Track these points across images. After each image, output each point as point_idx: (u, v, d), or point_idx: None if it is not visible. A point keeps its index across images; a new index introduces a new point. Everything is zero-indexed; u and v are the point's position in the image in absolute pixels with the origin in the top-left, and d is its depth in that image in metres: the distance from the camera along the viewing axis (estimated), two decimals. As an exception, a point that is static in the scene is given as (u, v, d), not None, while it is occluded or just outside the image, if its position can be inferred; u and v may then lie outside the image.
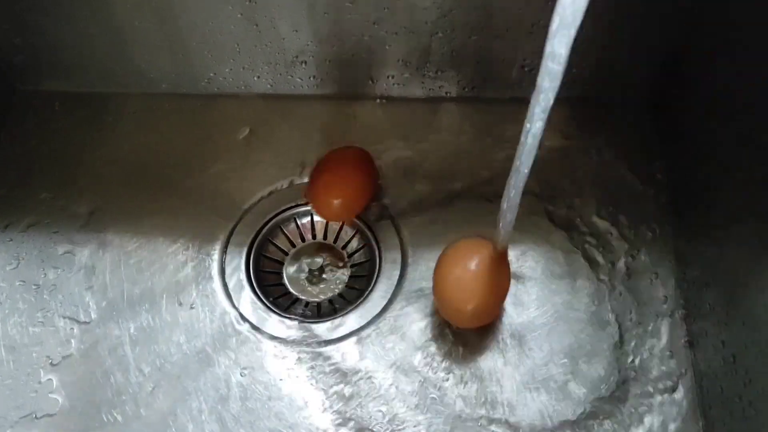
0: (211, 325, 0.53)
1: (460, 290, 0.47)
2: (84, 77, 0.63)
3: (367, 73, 0.60)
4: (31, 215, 0.58)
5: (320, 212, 0.56)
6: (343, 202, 0.54)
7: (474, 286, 0.47)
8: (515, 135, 0.59)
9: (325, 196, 0.54)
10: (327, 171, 0.55)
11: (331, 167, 0.55)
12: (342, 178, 0.55)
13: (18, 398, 0.51)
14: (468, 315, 0.48)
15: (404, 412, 0.49)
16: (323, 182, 0.55)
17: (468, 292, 0.47)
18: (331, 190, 0.54)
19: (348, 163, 0.55)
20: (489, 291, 0.47)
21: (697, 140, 0.53)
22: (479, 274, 0.47)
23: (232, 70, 0.60)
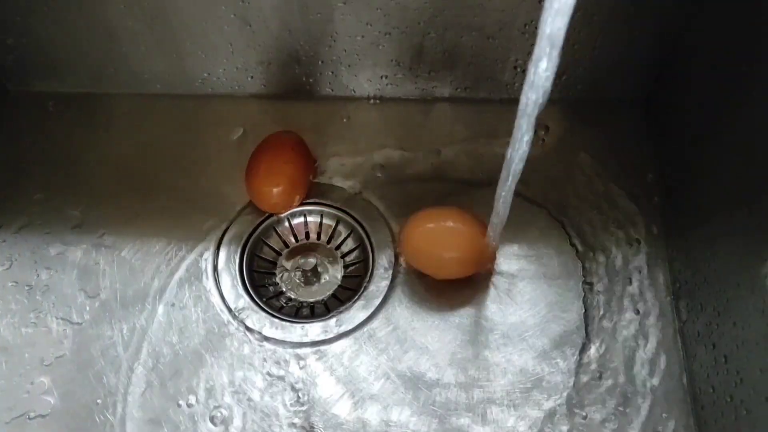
0: (204, 326, 0.53)
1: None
2: (76, 78, 0.63)
3: (360, 74, 0.60)
4: (23, 216, 0.58)
5: (260, 204, 0.56)
6: (284, 189, 0.55)
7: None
8: (508, 135, 0.60)
9: (265, 185, 0.55)
10: (262, 160, 0.56)
11: (265, 155, 0.56)
12: (280, 165, 0.55)
13: (10, 399, 0.51)
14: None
15: (399, 413, 0.49)
16: (261, 171, 0.55)
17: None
18: (270, 180, 0.55)
19: (283, 150, 0.56)
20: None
21: (689, 141, 0.53)
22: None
23: (225, 71, 0.60)
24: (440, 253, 0.52)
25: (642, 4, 0.52)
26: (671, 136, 0.56)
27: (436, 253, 0.52)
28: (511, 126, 0.57)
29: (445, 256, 0.52)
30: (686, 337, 0.50)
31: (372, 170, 0.59)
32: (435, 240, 0.52)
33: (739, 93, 0.45)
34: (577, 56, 0.56)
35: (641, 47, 0.56)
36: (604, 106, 0.61)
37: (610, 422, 0.48)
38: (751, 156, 0.43)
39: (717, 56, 0.49)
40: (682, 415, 0.48)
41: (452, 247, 0.51)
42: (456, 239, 0.51)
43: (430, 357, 0.51)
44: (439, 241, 0.51)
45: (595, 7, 0.52)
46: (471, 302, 0.53)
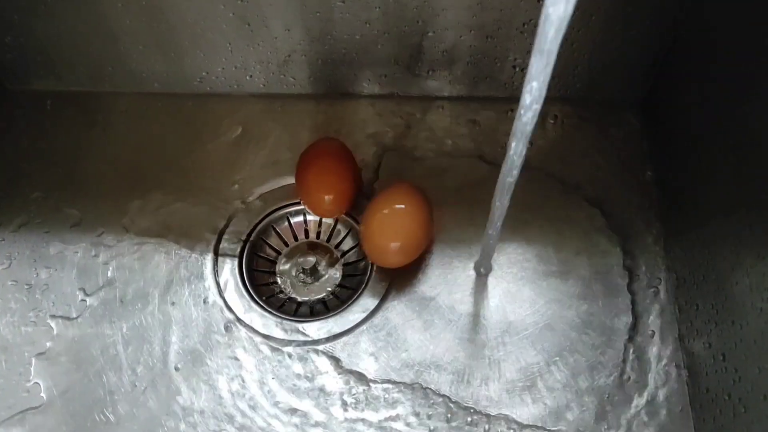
0: (203, 325, 0.53)
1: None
2: (75, 76, 0.63)
3: (359, 73, 0.60)
4: (22, 215, 0.58)
5: (314, 209, 0.56)
6: (336, 197, 0.55)
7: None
8: (507, 134, 0.60)
9: (318, 192, 0.55)
10: (315, 166, 0.55)
11: (317, 161, 0.55)
12: (332, 172, 0.55)
13: (9, 398, 0.51)
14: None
15: (399, 412, 0.49)
16: (314, 178, 0.55)
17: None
18: (322, 186, 0.55)
19: (334, 156, 0.56)
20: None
21: (688, 140, 0.53)
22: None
23: (224, 70, 0.60)
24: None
25: (640, 5, 0.52)
26: (670, 136, 0.56)
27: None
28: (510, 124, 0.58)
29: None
30: (684, 336, 0.50)
31: (370, 168, 0.59)
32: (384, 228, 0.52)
33: (738, 93, 0.45)
34: (575, 56, 0.56)
35: (639, 47, 0.56)
36: (602, 106, 0.61)
37: (606, 420, 0.48)
38: (750, 155, 0.43)
39: (715, 56, 0.49)
40: (680, 413, 0.48)
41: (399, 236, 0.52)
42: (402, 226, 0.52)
43: (429, 356, 0.51)
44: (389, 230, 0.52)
45: (593, 7, 0.52)
46: (470, 300, 0.53)
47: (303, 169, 0.56)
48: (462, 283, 0.54)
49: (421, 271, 0.54)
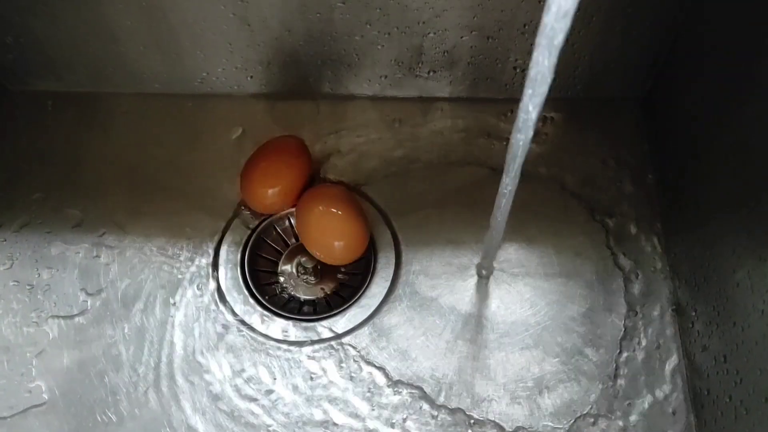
0: (205, 325, 0.53)
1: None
2: (75, 77, 0.63)
3: (359, 73, 0.60)
4: (23, 215, 0.58)
5: (254, 205, 0.57)
6: (280, 191, 0.55)
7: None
8: (507, 134, 0.60)
9: (260, 187, 0.55)
10: (259, 162, 0.56)
11: (261, 158, 0.56)
12: (274, 167, 0.56)
13: (11, 398, 0.51)
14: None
15: (401, 412, 0.49)
16: (257, 174, 0.55)
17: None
18: (266, 181, 0.55)
19: (278, 153, 0.56)
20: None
21: (687, 139, 0.53)
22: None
23: (224, 70, 0.60)
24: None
25: (640, 5, 0.52)
26: (670, 136, 0.56)
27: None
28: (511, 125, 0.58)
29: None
30: (686, 337, 0.50)
31: (371, 169, 0.59)
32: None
33: (739, 92, 0.45)
34: (576, 55, 0.57)
35: (640, 47, 0.56)
36: (603, 105, 0.61)
37: (608, 420, 0.48)
38: (751, 155, 0.43)
39: (716, 56, 0.49)
40: (681, 415, 0.49)
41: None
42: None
43: (431, 355, 0.51)
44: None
45: (594, 8, 0.52)
46: (471, 301, 0.53)
47: (248, 165, 0.56)
48: (463, 284, 0.54)
49: (423, 272, 0.54)
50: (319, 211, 0.53)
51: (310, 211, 0.53)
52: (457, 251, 0.55)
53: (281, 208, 0.56)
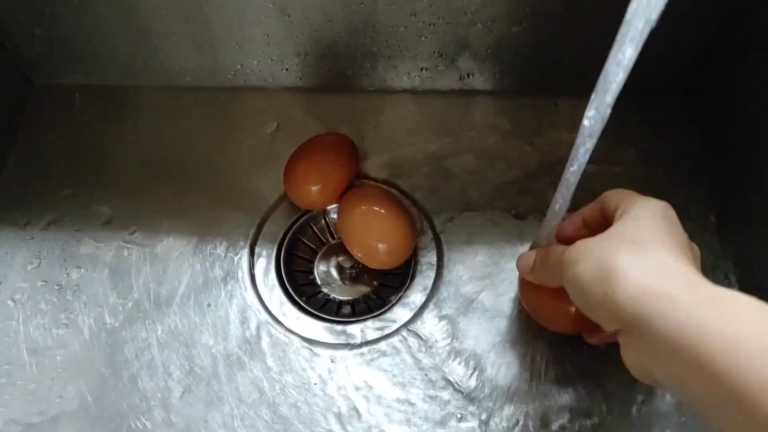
0: (241, 327, 0.51)
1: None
2: (104, 70, 0.61)
3: (400, 66, 0.58)
4: (51, 212, 0.56)
5: (296, 199, 0.54)
6: (321, 189, 0.53)
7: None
8: (552, 133, 0.58)
9: (303, 183, 0.53)
10: (305, 156, 0.54)
11: (307, 154, 0.54)
12: (319, 164, 0.53)
13: (41, 403, 0.49)
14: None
15: (440, 417, 0.47)
16: (301, 169, 0.53)
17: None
18: (308, 177, 0.53)
19: (325, 150, 0.54)
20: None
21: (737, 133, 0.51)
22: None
23: (260, 63, 0.58)
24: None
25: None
26: (721, 127, 0.54)
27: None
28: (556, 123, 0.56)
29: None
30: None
31: (411, 165, 0.57)
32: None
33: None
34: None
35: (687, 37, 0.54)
36: (649, 97, 0.58)
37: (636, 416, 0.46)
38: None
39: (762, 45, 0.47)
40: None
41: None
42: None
43: (475, 358, 0.49)
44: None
45: None
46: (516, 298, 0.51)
47: (292, 161, 0.54)
48: (507, 282, 0.52)
49: (466, 273, 0.52)
50: (363, 211, 0.51)
51: (353, 211, 0.51)
52: (502, 250, 0.53)
53: (324, 204, 0.54)
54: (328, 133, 0.56)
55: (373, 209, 0.51)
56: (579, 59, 0.54)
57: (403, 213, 0.52)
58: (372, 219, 0.51)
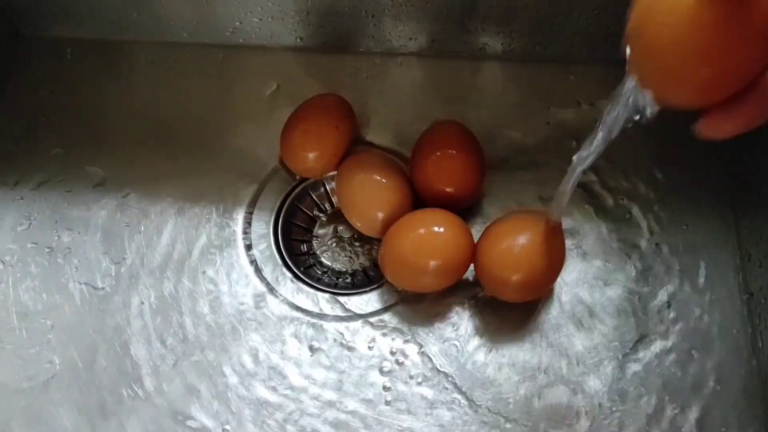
0: (236, 296, 0.50)
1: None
2: (97, 23, 0.58)
3: (405, 27, 0.55)
4: (41, 172, 0.54)
5: (293, 167, 0.52)
6: (318, 156, 0.51)
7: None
8: (564, 99, 0.56)
9: (299, 150, 0.51)
10: (300, 122, 0.51)
11: (302, 119, 0.51)
12: (315, 129, 0.51)
13: (30, 368, 0.48)
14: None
15: (442, 389, 0.46)
16: (297, 136, 0.51)
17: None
18: (305, 144, 0.51)
19: (321, 113, 0.51)
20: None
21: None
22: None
23: (260, 20, 0.55)
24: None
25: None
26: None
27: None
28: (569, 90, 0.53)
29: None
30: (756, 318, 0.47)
31: (415, 132, 0.54)
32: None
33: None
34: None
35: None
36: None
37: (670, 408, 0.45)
38: None
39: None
40: (750, 401, 0.46)
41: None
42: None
43: (479, 336, 0.48)
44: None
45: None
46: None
47: (288, 125, 0.52)
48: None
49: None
50: (362, 178, 0.49)
51: (352, 178, 0.49)
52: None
53: (322, 172, 0.52)
54: (320, 95, 0.53)
55: (374, 177, 0.49)
56: (592, 24, 0.52)
57: (404, 181, 0.50)
58: (372, 187, 0.49)
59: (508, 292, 0.47)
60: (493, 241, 0.46)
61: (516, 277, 0.45)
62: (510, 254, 0.45)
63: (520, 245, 0.45)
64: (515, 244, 0.45)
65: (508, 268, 0.45)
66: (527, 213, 0.47)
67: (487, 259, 0.46)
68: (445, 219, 0.46)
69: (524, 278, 0.45)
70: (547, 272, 0.46)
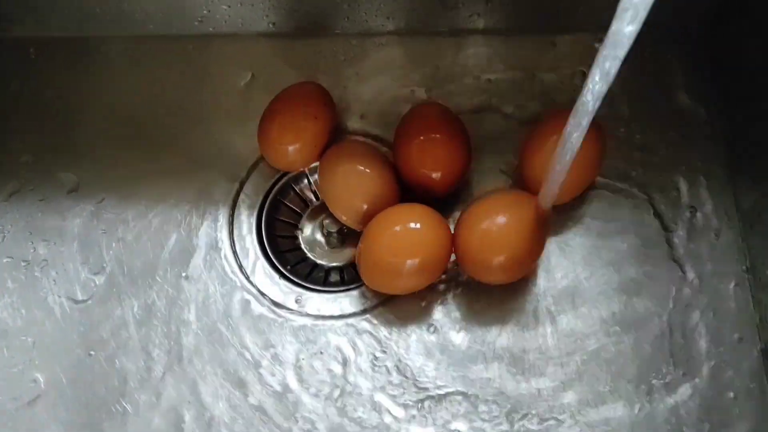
0: (222, 300, 0.48)
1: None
2: (58, 20, 0.55)
3: (383, 6, 0.52)
4: (12, 181, 0.52)
5: (273, 161, 0.50)
6: (299, 148, 0.48)
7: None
8: (550, 74, 0.53)
9: (277, 143, 0.49)
10: (278, 113, 0.49)
11: (279, 110, 0.49)
12: (292, 120, 0.49)
13: (14, 389, 0.46)
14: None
15: (437, 381, 0.45)
16: (274, 129, 0.49)
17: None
18: (282, 137, 0.48)
19: (298, 103, 0.49)
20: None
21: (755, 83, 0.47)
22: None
23: (230, 7, 0.53)
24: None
25: None
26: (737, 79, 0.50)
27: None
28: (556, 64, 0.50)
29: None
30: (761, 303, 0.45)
31: (397, 114, 0.52)
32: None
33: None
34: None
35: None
36: (658, 39, 0.53)
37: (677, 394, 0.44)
38: None
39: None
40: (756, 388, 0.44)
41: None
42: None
43: (472, 331, 0.46)
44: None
45: None
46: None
47: (265, 118, 0.49)
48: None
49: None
50: (345, 170, 0.47)
51: (335, 170, 0.47)
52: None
53: (304, 164, 0.50)
54: (297, 84, 0.51)
55: (357, 168, 0.47)
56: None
57: (389, 170, 0.48)
58: (356, 178, 0.47)
59: (489, 274, 0.45)
60: (473, 221, 0.44)
61: (498, 258, 0.44)
62: (490, 235, 0.43)
63: (500, 225, 0.43)
64: (496, 223, 0.43)
65: (489, 249, 0.44)
66: (506, 192, 0.46)
67: (466, 241, 0.44)
68: (422, 214, 0.44)
69: (506, 259, 0.44)
70: (529, 252, 0.44)
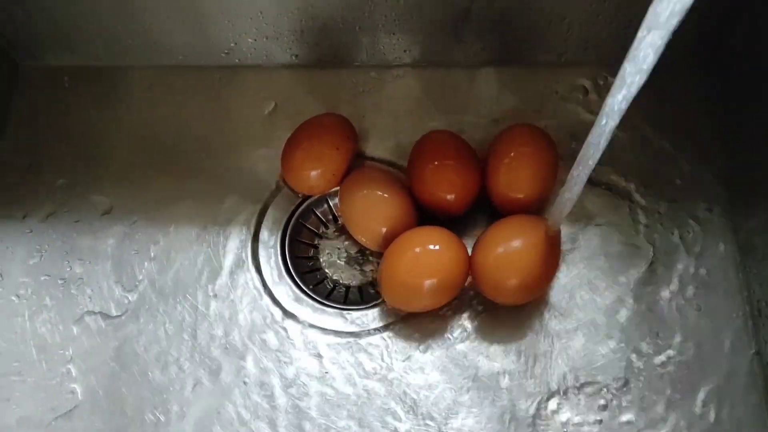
0: (248, 317, 0.51)
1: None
2: (91, 50, 0.58)
3: (400, 40, 0.55)
4: (48, 204, 0.55)
5: (296, 186, 0.53)
6: (320, 174, 0.52)
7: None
8: (560, 104, 0.56)
9: (300, 169, 0.52)
10: (302, 141, 0.52)
11: (303, 139, 0.52)
12: (315, 149, 0.52)
13: (52, 400, 0.49)
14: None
15: (456, 401, 0.48)
16: (297, 156, 0.52)
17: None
18: (305, 164, 0.51)
19: (321, 133, 0.52)
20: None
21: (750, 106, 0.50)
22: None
23: (255, 40, 0.56)
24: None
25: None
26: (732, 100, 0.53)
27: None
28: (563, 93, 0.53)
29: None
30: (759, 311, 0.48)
31: (412, 142, 0.55)
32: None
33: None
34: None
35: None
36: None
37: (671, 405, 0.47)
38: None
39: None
40: (753, 397, 0.47)
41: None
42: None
43: (488, 347, 0.49)
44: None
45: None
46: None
47: (289, 144, 0.52)
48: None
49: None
50: (364, 194, 0.50)
51: (354, 195, 0.50)
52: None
53: (324, 189, 0.53)
54: (322, 115, 0.54)
55: (376, 193, 0.50)
56: (584, 28, 0.52)
57: (405, 194, 0.51)
58: (375, 203, 0.50)
59: (504, 296, 0.48)
60: (489, 245, 0.47)
61: (512, 281, 0.46)
62: (506, 257, 0.46)
63: (515, 248, 0.46)
64: (511, 246, 0.46)
65: (504, 273, 0.46)
66: (522, 216, 0.48)
67: (482, 264, 0.47)
68: (441, 237, 0.47)
69: (520, 282, 0.46)
70: (542, 274, 0.47)
